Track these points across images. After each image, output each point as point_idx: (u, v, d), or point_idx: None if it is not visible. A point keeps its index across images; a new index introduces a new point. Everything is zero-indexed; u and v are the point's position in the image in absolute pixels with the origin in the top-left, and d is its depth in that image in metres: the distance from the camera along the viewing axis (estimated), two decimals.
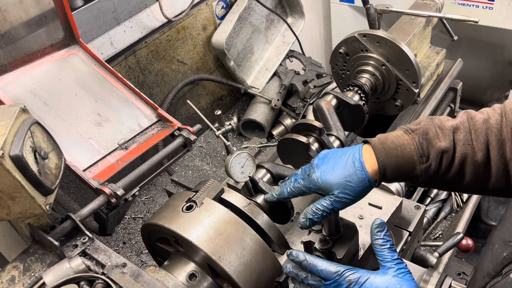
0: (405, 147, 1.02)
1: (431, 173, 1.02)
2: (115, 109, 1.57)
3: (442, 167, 1.01)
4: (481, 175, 1.00)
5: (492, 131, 0.99)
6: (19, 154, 1.02)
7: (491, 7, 2.60)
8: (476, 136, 1.00)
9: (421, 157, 1.01)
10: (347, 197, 1.01)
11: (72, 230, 1.24)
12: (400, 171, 1.03)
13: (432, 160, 1.01)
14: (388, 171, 1.02)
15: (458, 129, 1.02)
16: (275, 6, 2.67)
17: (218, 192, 1.17)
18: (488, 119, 1.01)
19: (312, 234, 1.06)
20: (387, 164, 1.02)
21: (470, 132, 1.01)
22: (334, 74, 2.02)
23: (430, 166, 1.01)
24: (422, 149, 1.01)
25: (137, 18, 2.11)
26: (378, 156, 1.02)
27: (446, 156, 1.00)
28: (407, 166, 1.02)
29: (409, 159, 1.02)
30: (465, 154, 1.00)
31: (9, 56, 1.48)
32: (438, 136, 1.02)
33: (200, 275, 1.10)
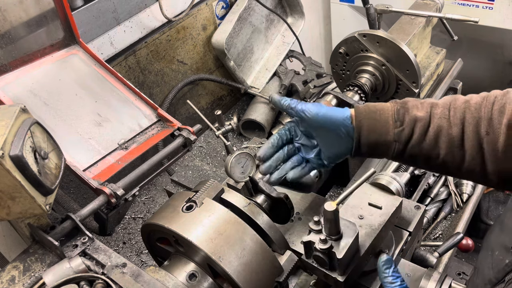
0: (384, 112, 1.08)
1: (403, 139, 1.06)
2: (115, 109, 1.57)
3: (415, 135, 1.05)
4: (455, 150, 1.02)
5: (469, 109, 1.02)
6: (19, 154, 1.02)
7: (491, 7, 2.60)
8: (454, 113, 1.03)
9: (395, 122, 1.06)
10: (324, 108, 1.09)
11: (72, 230, 1.24)
12: (375, 132, 1.07)
13: (405, 126, 1.05)
14: (364, 131, 1.07)
15: (437, 105, 1.07)
16: (275, 6, 2.67)
17: (218, 192, 1.17)
18: (469, 100, 1.05)
19: (312, 234, 1.06)
20: (363, 124, 1.08)
21: (449, 109, 1.05)
22: (334, 74, 2.02)
23: (403, 131, 1.05)
24: (398, 115, 1.07)
25: (137, 18, 2.11)
26: (358, 116, 1.09)
27: (419, 124, 1.05)
28: (382, 129, 1.07)
29: (384, 122, 1.07)
30: (440, 127, 1.03)
31: (9, 56, 1.48)
32: (416, 107, 1.07)
33: (200, 275, 1.10)
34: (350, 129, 1.09)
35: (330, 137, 1.13)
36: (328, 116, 1.10)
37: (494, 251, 0.88)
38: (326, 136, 1.13)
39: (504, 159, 0.98)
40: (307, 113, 1.11)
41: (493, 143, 0.98)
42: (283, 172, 1.20)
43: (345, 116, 1.09)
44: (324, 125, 1.11)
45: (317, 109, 1.11)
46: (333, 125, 1.10)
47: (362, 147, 1.10)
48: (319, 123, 1.11)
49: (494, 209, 2.88)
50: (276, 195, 1.23)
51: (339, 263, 1.03)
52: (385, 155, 1.11)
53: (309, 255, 1.08)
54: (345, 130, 1.10)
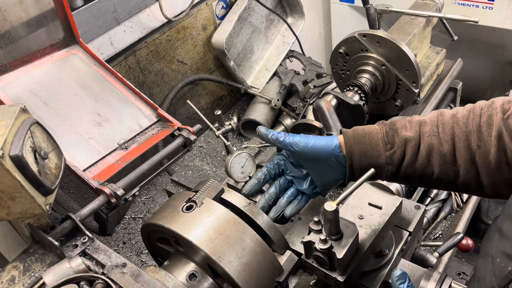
0: (373, 135, 1.08)
1: (396, 161, 1.06)
2: (115, 109, 1.57)
3: (407, 156, 1.05)
4: (449, 166, 1.02)
5: (458, 124, 1.02)
6: (19, 154, 1.02)
7: (491, 7, 2.60)
8: (443, 129, 1.03)
9: (386, 144, 1.06)
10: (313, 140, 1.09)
11: (72, 230, 1.24)
12: (367, 156, 1.07)
13: (396, 148, 1.05)
14: (355, 156, 1.07)
15: (425, 123, 1.07)
16: (275, 6, 2.67)
17: (218, 192, 1.17)
18: (455, 114, 1.05)
19: (312, 234, 1.06)
20: (354, 150, 1.07)
21: (437, 126, 1.04)
22: (334, 74, 2.02)
23: (395, 153, 1.05)
24: (387, 137, 1.06)
25: (137, 18, 2.11)
26: (347, 141, 1.08)
27: (410, 145, 1.04)
28: (373, 153, 1.06)
29: (375, 145, 1.07)
30: (431, 145, 1.03)
31: (9, 56, 1.48)
32: (405, 127, 1.07)
33: (200, 275, 1.10)
34: (340, 158, 1.10)
35: (321, 167, 1.13)
36: (317, 148, 1.09)
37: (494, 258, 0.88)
38: (317, 167, 1.13)
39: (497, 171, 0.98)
40: (295, 146, 1.10)
41: (485, 156, 0.98)
42: (280, 209, 1.19)
43: (334, 146, 1.09)
44: (314, 157, 1.11)
45: (305, 141, 1.10)
46: (323, 156, 1.10)
47: (355, 172, 1.10)
48: (308, 156, 1.11)
49: (494, 209, 2.88)
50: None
51: (339, 263, 1.03)
52: (379, 178, 1.11)
53: (309, 255, 1.08)
54: (336, 159, 1.10)
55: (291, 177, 1.20)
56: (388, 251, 1.18)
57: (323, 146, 1.09)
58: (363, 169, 1.08)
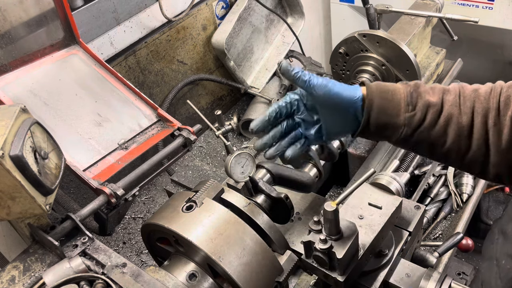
0: (396, 93, 1.05)
1: (414, 124, 1.03)
2: (115, 109, 1.57)
3: (426, 121, 1.03)
4: (463, 139, 1.01)
5: (479, 99, 1.01)
6: (19, 154, 1.02)
7: (491, 7, 2.60)
8: (464, 101, 1.02)
9: (407, 105, 1.03)
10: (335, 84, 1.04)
11: (72, 230, 1.24)
12: (386, 113, 1.04)
13: (418, 110, 1.03)
14: (374, 110, 1.04)
15: (448, 91, 1.05)
16: (275, 6, 2.67)
17: (218, 192, 1.17)
18: (478, 89, 1.04)
19: (312, 234, 1.06)
20: (374, 103, 1.04)
21: (459, 96, 1.03)
22: (334, 74, 2.02)
23: (415, 116, 1.03)
24: (411, 98, 1.04)
25: (137, 18, 2.11)
26: (369, 94, 1.05)
27: (432, 111, 1.02)
28: (393, 111, 1.04)
29: (396, 104, 1.04)
30: (451, 114, 1.01)
31: (9, 56, 1.48)
32: (428, 92, 1.05)
33: (200, 275, 1.10)
34: (359, 110, 1.06)
35: (336, 115, 1.08)
36: (340, 95, 1.05)
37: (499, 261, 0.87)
38: (332, 114, 1.09)
39: (506, 151, 0.98)
40: (318, 89, 1.05)
41: (498, 135, 0.98)
42: (281, 148, 1.14)
43: (357, 97, 1.05)
44: (333, 104, 1.06)
45: (329, 86, 1.05)
46: (343, 105, 1.05)
47: (371, 127, 1.06)
48: (328, 101, 1.06)
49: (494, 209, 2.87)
50: (276, 195, 1.23)
51: (339, 263, 1.03)
52: (390, 138, 1.08)
53: (309, 255, 1.08)
54: (354, 110, 1.06)
55: (299, 120, 1.14)
56: (388, 251, 1.18)
57: (347, 95, 1.05)
58: (379, 125, 1.05)
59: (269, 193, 1.24)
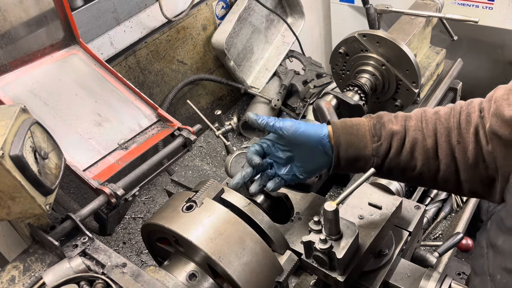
0: (360, 126, 1.11)
1: (382, 153, 1.08)
2: (115, 109, 1.57)
3: (392, 149, 1.08)
4: (431, 161, 1.06)
5: (440, 120, 1.06)
6: (19, 154, 1.02)
7: (491, 7, 2.60)
8: (426, 125, 1.07)
9: (373, 137, 1.09)
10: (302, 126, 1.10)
11: (72, 230, 1.24)
12: (354, 147, 1.09)
13: (383, 140, 1.08)
14: (342, 147, 1.09)
15: (410, 118, 1.10)
16: (275, 6, 2.67)
17: (218, 192, 1.17)
18: (438, 111, 1.09)
19: (312, 234, 1.06)
20: (341, 139, 1.10)
21: (421, 121, 1.08)
22: (334, 74, 2.02)
23: (381, 146, 1.08)
24: (375, 130, 1.09)
25: (137, 18, 2.11)
26: (335, 131, 1.11)
27: (396, 138, 1.07)
28: (360, 144, 1.09)
29: (362, 137, 1.09)
30: (416, 139, 1.07)
31: (9, 56, 1.48)
32: (391, 121, 1.10)
33: (200, 275, 1.10)
34: (327, 147, 1.11)
35: (308, 154, 1.14)
36: (306, 135, 1.11)
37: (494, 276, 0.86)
38: (303, 153, 1.15)
39: (475, 167, 1.02)
40: (286, 131, 1.12)
41: (464, 152, 1.02)
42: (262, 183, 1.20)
43: (323, 134, 1.11)
44: (302, 143, 1.12)
45: (295, 127, 1.12)
46: (311, 143, 1.11)
47: (341, 162, 1.12)
48: (297, 141, 1.12)
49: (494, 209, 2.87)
50: (276, 195, 1.24)
51: (339, 263, 1.03)
52: (363, 170, 1.13)
53: (309, 255, 1.08)
54: (323, 147, 1.11)
55: (272, 161, 1.21)
56: (388, 251, 1.18)
57: (313, 133, 1.11)
58: (349, 159, 1.11)
59: (269, 193, 1.24)
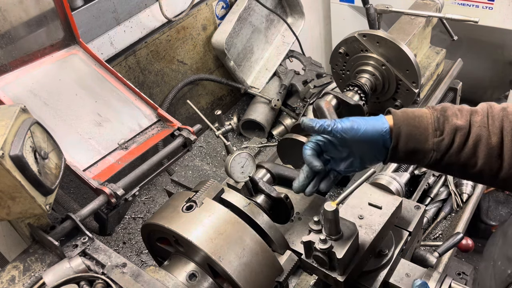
0: (423, 119, 1.06)
1: (443, 148, 1.03)
2: (115, 109, 1.57)
3: (455, 144, 1.03)
4: (494, 160, 1.01)
5: (507, 118, 1.01)
6: (19, 154, 1.02)
7: (491, 7, 2.60)
8: (493, 121, 1.02)
9: (435, 131, 1.04)
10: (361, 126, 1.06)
11: (72, 230, 1.24)
12: (414, 140, 1.05)
13: (445, 135, 1.03)
14: (402, 138, 1.05)
15: (476, 112, 1.04)
16: (275, 6, 2.67)
17: (218, 192, 1.17)
18: (506, 107, 1.03)
19: (312, 234, 1.06)
20: (402, 130, 1.05)
21: (487, 116, 1.03)
22: (334, 74, 2.02)
23: (443, 141, 1.03)
24: (438, 123, 1.04)
25: (137, 18, 2.11)
26: (396, 122, 1.06)
27: (460, 134, 1.02)
28: (421, 137, 1.04)
29: (424, 130, 1.04)
30: (480, 136, 1.01)
31: (9, 56, 1.48)
32: (455, 115, 1.04)
33: (200, 275, 1.10)
34: (388, 140, 1.08)
35: (366, 149, 1.11)
36: (369, 133, 1.07)
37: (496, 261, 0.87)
38: (362, 149, 1.12)
39: None
40: (345, 133, 1.08)
41: None
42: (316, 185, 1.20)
43: (385, 130, 1.07)
44: (363, 142, 1.09)
45: (356, 128, 1.08)
46: (372, 140, 1.08)
47: (399, 153, 1.08)
48: (357, 141, 1.09)
49: (494, 209, 2.88)
50: (276, 195, 1.23)
51: (339, 263, 1.03)
52: (420, 163, 1.09)
53: (309, 255, 1.08)
54: (383, 142, 1.08)
55: (329, 157, 1.19)
56: (388, 251, 1.18)
57: (374, 131, 1.07)
58: (407, 152, 1.07)
59: (269, 193, 1.24)
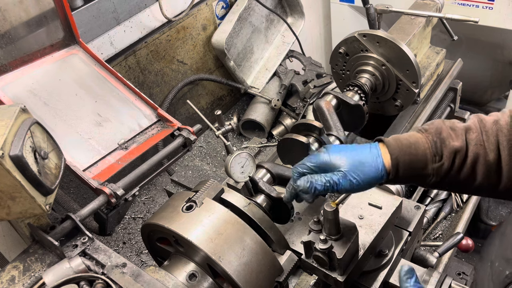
0: (419, 145, 1.03)
1: (442, 172, 1.02)
2: (115, 109, 1.57)
3: (454, 167, 1.01)
4: (493, 175, 1.00)
5: (502, 132, 1.00)
6: (19, 154, 1.02)
7: (491, 7, 2.60)
8: (487, 137, 1.01)
9: (434, 156, 1.02)
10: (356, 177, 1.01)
11: (72, 230, 1.24)
12: (413, 168, 1.03)
13: (445, 160, 1.01)
14: (401, 168, 1.03)
15: (470, 129, 1.03)
16: (275, 6, 2.67)
17: (218, 192, 1.17)
18: (498, 120, 1.02)
19: (312, 234, 1.06)
20: (400, 161, 1.03)
21: (481, 132, 1.02)
22: (334, 74, 2.02)
23: (443, 166, 1.01)
24: (436, 148, 1.02)
25: (137, 18, 2.11)
26: (392, 152, 1.03)
27: (459, 156, 1.01)
28: (419, 164, 1.02)
29: (422, 157, 1.02)
30: (477, 154, 1.00)
31: (9, 56, 1.48)
32: (451, 136, 1.03)
33: (200, 275, 1.10)
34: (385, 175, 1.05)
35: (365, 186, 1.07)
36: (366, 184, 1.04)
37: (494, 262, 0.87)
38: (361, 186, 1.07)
39: None
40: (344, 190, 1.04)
41: None
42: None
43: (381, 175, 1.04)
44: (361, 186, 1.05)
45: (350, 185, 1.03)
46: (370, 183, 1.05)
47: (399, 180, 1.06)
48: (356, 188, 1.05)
49: (494, 209, 2.87)
50: (276, 195, 1.23)
51: (339, 263, 1.03)
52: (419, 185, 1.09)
53: (309, 255, 1.08)
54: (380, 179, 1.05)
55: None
56: (388, 251, 1.18)
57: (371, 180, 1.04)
58: (406, 179, 1.05)
59: (269, 193, 1.24)
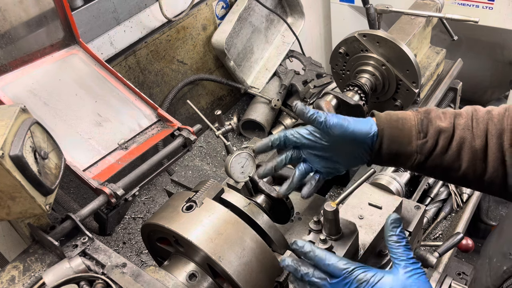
0: (406, 121, 1.04)
1: (426, 150, 1.02)
2: (115, 109, 1.57)
3: (438, 147, 1.02)
4: (478, 163, 1.00)
5: (492, 121, 1.00)
6: (19, 154, 1.02)
7: (491, 7, 2.60)
8: (477, 124, 1.01)
9: (419, 133, 1.03)
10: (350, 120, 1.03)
11: (72, 230, 1.24)
12: (397, 142, 1.04)
13: (429, 137, 1.02)
14: (385, 140, 1.04)
15: (460, 115, 1.04)
16: (275, 6, 2.67)
17: (218, 192, 1.17)
18: (491, 110, 1.03)
19: (312, 234, 1.06)
20: (385, 133, 1.04)
21: (471, 119, 1.02)
22: (334, 74, 2.02)
23: (427, 143, 1.02)
24: (422, 125, 1.03)
25: (137, 18, 2.11)
26: (380, 124, 1.05)
27: (444, 136, 1.02)
28: (404, 139, 1.03)
29: (407, 132, 1.04)
30: (464, 138, 1.01)
31: (9, 56, 1.48)
32: (439, 117, 1.04)
33: (200, 275, 1.10)
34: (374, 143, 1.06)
35: (351, 151, 1.08)
36: (356, 133, 1.04)
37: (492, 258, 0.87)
38: (347, 150, 1.09)
39: None
40: (334, 129, 1.04)
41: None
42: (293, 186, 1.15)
43: (372, 133, 1.04)
44: (349, 141, 1.06)
45: (345, 125, 1.05)
46: (359, 141, 1.05)
47: (383, 155, 1.06)
48: (344, 139, 1.06)
49: (494, 209, 2.88)
50: (276, 195, 1.23)
51: None
52: (404, 165, 1.08)
53: None
54: (371, 143, 1.06)
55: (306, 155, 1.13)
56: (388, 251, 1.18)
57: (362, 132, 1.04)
58: (391, 154, 1.05)
59: (269, 193, 1.24)
